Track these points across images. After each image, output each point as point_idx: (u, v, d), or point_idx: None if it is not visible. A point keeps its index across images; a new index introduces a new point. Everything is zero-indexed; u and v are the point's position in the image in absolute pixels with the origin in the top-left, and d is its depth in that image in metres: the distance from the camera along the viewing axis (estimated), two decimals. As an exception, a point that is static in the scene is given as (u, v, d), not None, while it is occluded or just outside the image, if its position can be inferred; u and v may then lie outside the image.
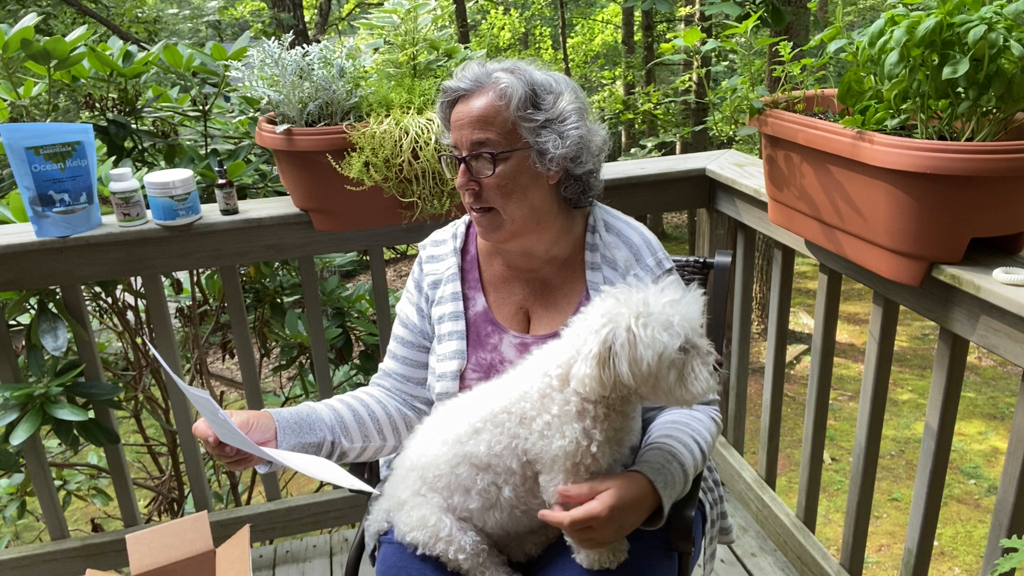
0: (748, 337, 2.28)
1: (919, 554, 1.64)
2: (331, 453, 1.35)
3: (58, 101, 2.65)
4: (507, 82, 1.26)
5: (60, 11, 8.33)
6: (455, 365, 1.37)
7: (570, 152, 1.29)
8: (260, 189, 2.51)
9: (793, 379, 8.17)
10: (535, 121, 1.27)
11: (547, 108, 1.28)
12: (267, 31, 8.21)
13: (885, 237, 1.39)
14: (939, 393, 1.51)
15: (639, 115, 11.61)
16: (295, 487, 5.45)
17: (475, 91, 1.29)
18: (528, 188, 1.30)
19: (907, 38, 1.25)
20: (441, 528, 1.20)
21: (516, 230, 1.32)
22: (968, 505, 5.94)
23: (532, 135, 1.28)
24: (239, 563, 1.43)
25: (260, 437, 1.27)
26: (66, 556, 2.13)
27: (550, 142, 1.27)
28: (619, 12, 15.05)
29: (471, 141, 1.27)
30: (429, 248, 1.48)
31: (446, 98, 1.33)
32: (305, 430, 1.32)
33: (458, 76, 1.31)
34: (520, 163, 1.28)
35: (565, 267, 1.39)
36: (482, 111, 1.26)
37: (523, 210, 1.30)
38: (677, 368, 1.07)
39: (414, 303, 1.47)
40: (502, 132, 1.27)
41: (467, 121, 1.28)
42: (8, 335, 1.96)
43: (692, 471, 1.22)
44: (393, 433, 1.44)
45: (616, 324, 1.07)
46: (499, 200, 1.29)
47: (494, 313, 1.40)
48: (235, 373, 7.61)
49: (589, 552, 1.16)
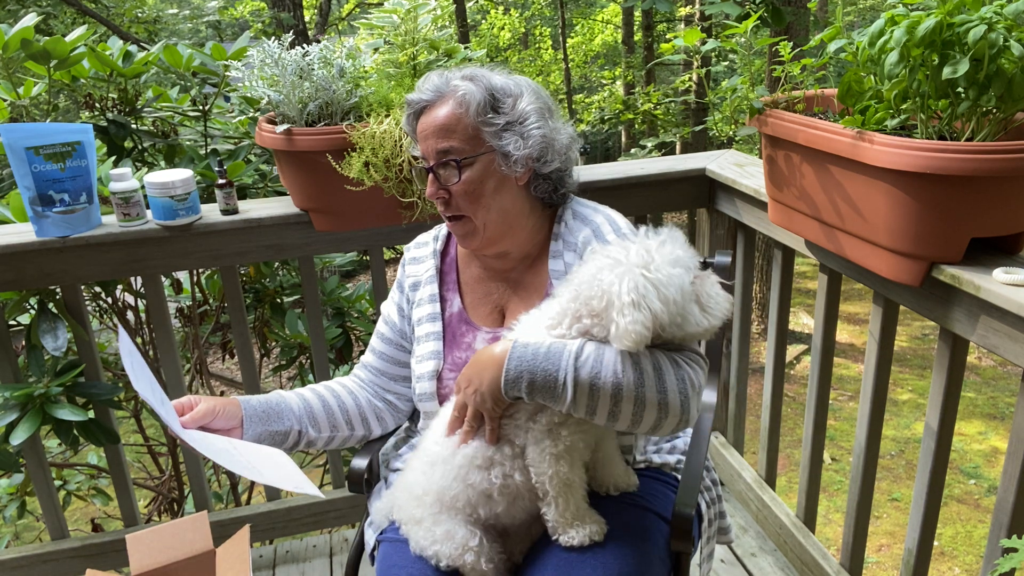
0: (748, 337, 2.28)
1: (919, 554, 1.64)
2: (298, 442, 1.41)
3: (58, 101, 2.65)
4: (464, 89, 1.29)
5: (60, 11, 8.33)
6: (432, 366, 1.40)
7: (533, 152, 1.31)
8: (260, 189, 2.51)
9: (793, 379, 8.17)
10: (496, 125, 1.30)
11: (507, 111, 1.31)
12: (267, 31, 8.21)
13: (885, 237, 1.39)
14: (939, 393, 1.51)
15: (639, 115, 11.61)
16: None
17: (436, 101, 1.32)
18: (497, 191, 1.32)
19: (907, 38, 1.25)
20: (471, 539, 1.21)
21: (490, 236, 1.35)
22: (968, 505, 5.94)
23: (495, 139, 1.30)
24: (239, 563, 1.42)
25: (225, 424, 1.32)
26: (66, 556, 2.13)
27: (511, 144, 1.30)
28: (619, 12, 15.05)
29: (436, 150, 1.30)
30: (412, 250, 1.53)
31: (411, 110, 1.36)
32: (273, 418, 1.37)
33: (420, 88, 1.34)
34: (485, 167, 1.31)
35: (536, 262, 1.41)
36: (444, 120, 1.29)
37: (493, 214, 1.33)
38: (695, 298, 1.12)
39: (396, 303, 1.51)
40: (464, 139, 1.29)
41: (431, 131, 1.31)
42: (8, 335, 1.96)
43: (590, 364, 1.11)
44: (362, 423, 1.49)
45: (632, 276, 1.09)
46: (468, 206, 1.32)
47: (469, 313, 1.43)
48: (235, 373, 7.61)
49: (568, 532, 1.18)
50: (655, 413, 1.11)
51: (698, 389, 1.15)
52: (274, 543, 2.45)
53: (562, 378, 1.10)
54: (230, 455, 1.22)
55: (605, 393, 1.10)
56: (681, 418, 1.13)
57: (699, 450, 1.41)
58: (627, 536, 1.21)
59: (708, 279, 1.15)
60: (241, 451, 1.26)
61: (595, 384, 1.10)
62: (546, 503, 1.19)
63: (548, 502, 1.19)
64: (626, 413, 1.11)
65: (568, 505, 1.18)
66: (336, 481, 2.37)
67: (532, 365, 1.12)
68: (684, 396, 1.12)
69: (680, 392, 1.11)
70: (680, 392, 1.11)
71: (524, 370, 1.12)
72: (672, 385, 1.11)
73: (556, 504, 1.18)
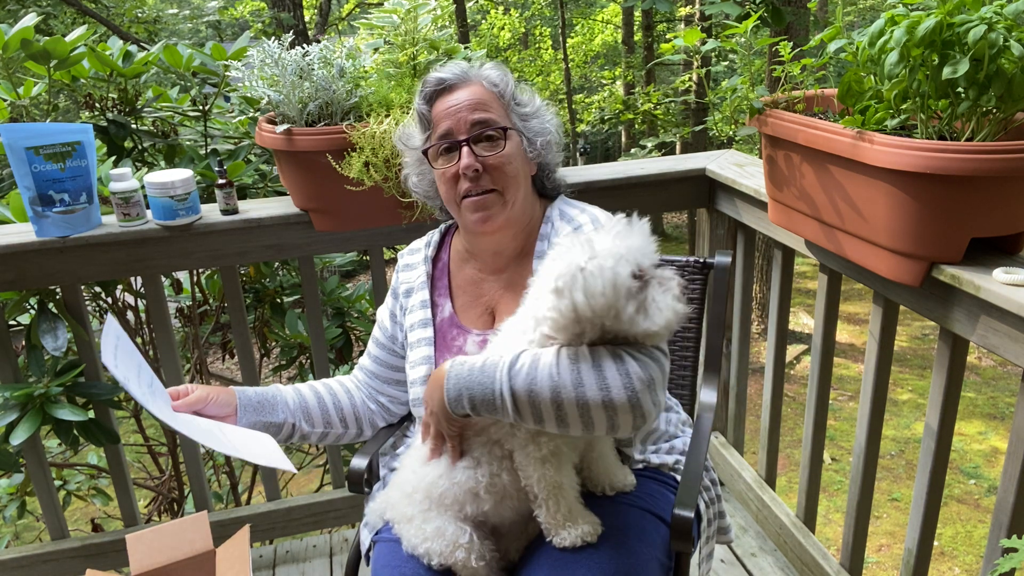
0: (748, 337, 2.28)
1: (919, 554, 1.64)
2: (292, 435, 1.46)
3: (58, 101, 2.65)
4: (498, 73, 1.37)
5: (60, 11, 8.33)
6: (423, 371, 1.42)
7: (550, 138, 1.41)
8: (260, 189, 2.51)
9: (793, 379, 8.17)
10: (521, 111, 1.38)
11: (526, 103, 1.41)
12: (267, 31, 8.20)
13: (885, 237, 1.39)
14: (939, 393, 1.51)
15: (639, 115, 11.62)
16: (295, 487, 5.45)
17: (461, 83, 1.35)
18: (520, 174, 1.37)
19: (907, 38, 1.25)
20: (460, 535, 1.21)
21: (514, 215, 1.37)
22: (968, 505, 5.94)
23: (522, 122, 1.38)
24: (239, 563, 1.42)
25: (219, 412, 1.36)
26: (66, 556, 2.13)
27: (535, 130, 1.38)
28: (619, 12, 15.06)
29: (471, 122, 1.31)
30: (405, 257, 1.54)
31: (429, 88, 1.37)
32: (267, 410, 1.41)
33: (442, 70, 1.37)
34: (518, 146, 1.36)
35: (523, 261, 1.42)
36: (479, 96, 1.33)
37: (522, 192, 1.37)
38: (636, 299, 1.08)
39: (390, 308, 1.54)
40: (501, 115, 1.35)
41: (464, 105, 1.32)
42: (8, 335, 1.96)
43: (524, 373, 1.10)
44: (355, 423, 1.53)
45: (569, 262, 1.08)
46: (503, 179, 1.33)
47: (460, 317, 1.44)
48: (235, 373, 7.61)
49: (560, 533, 1.18)
50: (603, 412, 1.06)
51: (648, 381, 1.07)
52: (274, 543, 2.45)
53: (498, 390, 1.09)
54: (214, 435, 1.25)
55: (544, 400, 1.07)
56: (634, 413, 1.06)
57: (699, 450, 1.41)
58: (623, 537, 1.21)
59: (662, 283, 1.10)
60: (228, 434, 1.29)
61: (532, 392, 1.07)
62: (537, 505, 1.19)
63: (539, 504, 1.19)
64: (573, 417, 1.07)
65: (559, 507, 1.18)
66: (336, 481, 2.37)
67: (469, 382, 1.12)
68: (631, 391, 1.05)
69: (625, 387, 1.05)
70: (625, 387, 1.05)
71: (463, 388, 1.12)
72: (615, 381, 1.05)
73: (547, 506, 1.18)
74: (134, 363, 1.25)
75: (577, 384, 1.06)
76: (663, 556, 1.25)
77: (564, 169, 2.27)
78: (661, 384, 1.11)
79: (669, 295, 1.09)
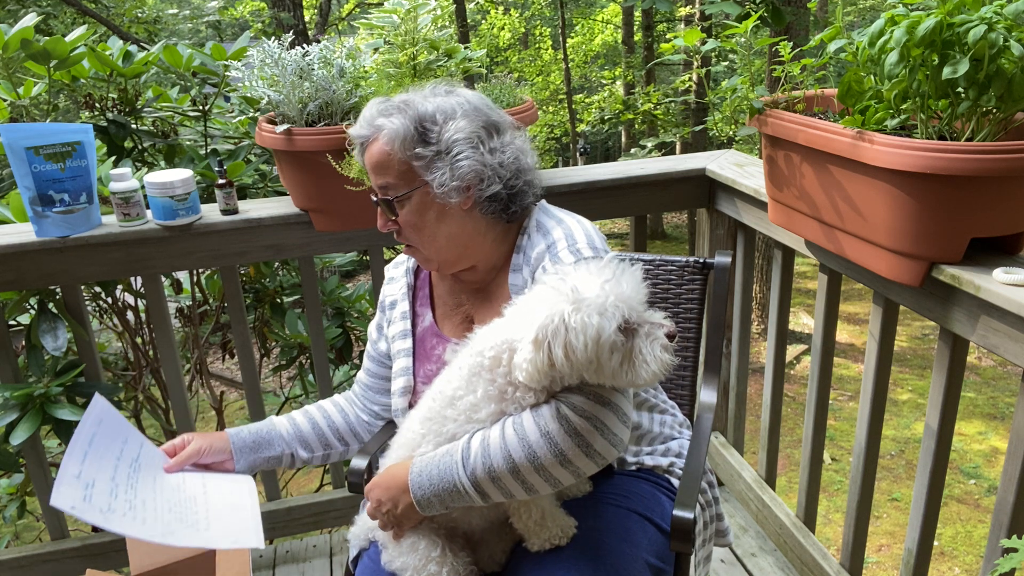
0: (748, 337, 2.28)
1: (919, 554, 1.64)
2: (292, 463, 1.51)
3: (58, 101, 2.65)
4: (388, 126, 1.26)
5: (60, 11, 8.33)
6: (403, 382, 1.43)
7: (463, 183, 1.26)
8: (260, 189, 2.51)
9: (793, 379, 8.17)
10: (425, 157, 1.26)
11: (434, 141, 1.26)
12: (267, 31, 8.21)
13: (885, 237, 1.39)
14: (939, 393, 1.51)
15: (639, 115, 11.63)
16: (295, 487, 5.45)
17: (371, 137, 1.30)
18: (440, 220, 1.31)
19: (907, 38, 1.25)
20: (432, 549, 1.21)
21: (445, 260, 1.35)
22: (968, 505, 5.94)
23: (426, 171, 1.27)
24: (239, 563, 1.42)
25: (216, 459, 1.39)
26: (66, 556, 2.13)
27: (441, 176, 1.26)
28: (619, 12, 15.06)
29: (377, 186, 1.32)
30: (390, 270, 1.55)
31: (356, 146, 1.36)
32: (263, 446, 1.45)
33: (358, 122, 1.33)
34: (422, 200, 1.29)
35: (501, 274, 1.40)
36: (378, 157, 1.29)
37: (441, 240, 1.32)
38: (621, 351, 1.04)
39: (377, 321, 1.55)
40: (397, 175, 1.28)
41: (370, 168, 1.32)
42: (8, 335, 1.96)
43: (479, 460, 1.11)
44: (353, 438, 1.55)
45: (552, 312, 1.04)
46: (414, 237, 1.33)
47: (440, 326, 1.45)
48: (235, 373, 7.61)
49: (532, 539, 1.19)
50: (563, 470, 1.08)
51: (595, 422, 1.07)
52: (274, 543, 2.45)
53: (462, 487, 1.12)
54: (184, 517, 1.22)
55: (507, 477, 1.09)
56: (592, 459, 1.07)
57: (699, 451, 1.41)
58: (603, 536, 1.21)
59: (649, 332, 1.06)
60: (207, 504, 1.28)
61: (493, 474, 1.09)
62: (511, 513, 1.20)
63: (512, 511, 1.20)
64: (538, 482, 1.09)
65: (531, 512, 1.18)
66: (336, 481, 2.37)
67: (435, 488, 1.14)
68: (579, 440, 1.06)
69: (572, 438, 1.06)
70: (572, 438, 1.06)
71: (431, 495, 1.14)
72: (561, 439, 1.06)
73: (519, 514, 1.19)
74: (115, 446, 1.23)
75: (531, 457, 1.07)
76: (651, 557, 1.24)
77: (564, 169, 2.28)
78: (617, 418, 1.10)
79: (657, 345, 1.06)
